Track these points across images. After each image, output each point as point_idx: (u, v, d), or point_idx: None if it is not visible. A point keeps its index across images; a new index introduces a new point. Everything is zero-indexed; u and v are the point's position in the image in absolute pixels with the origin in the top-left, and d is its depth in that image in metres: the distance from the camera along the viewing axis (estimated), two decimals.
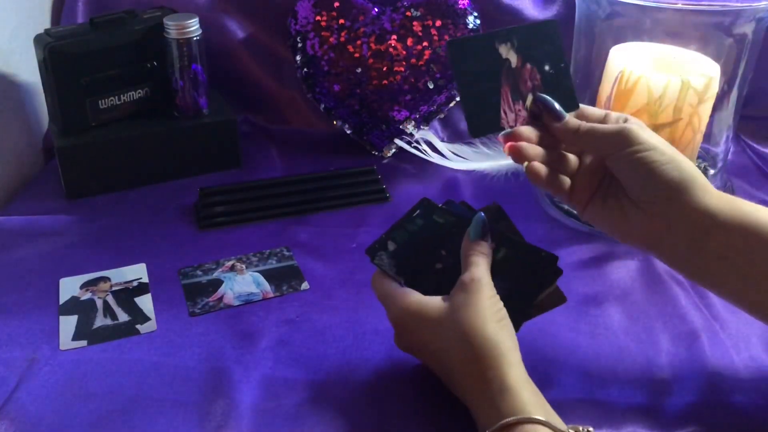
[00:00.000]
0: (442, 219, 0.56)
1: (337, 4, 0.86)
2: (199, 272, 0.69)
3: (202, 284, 0.67)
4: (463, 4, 0.87)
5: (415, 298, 0.52)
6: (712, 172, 0.80)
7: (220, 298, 0.65)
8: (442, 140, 0.92)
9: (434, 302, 0.51)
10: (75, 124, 0.80)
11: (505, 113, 0.51)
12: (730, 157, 0.84)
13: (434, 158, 0.88)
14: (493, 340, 0.47)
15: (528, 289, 0.52)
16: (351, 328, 0.62)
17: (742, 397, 0.55)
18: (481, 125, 0.52)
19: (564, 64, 0.53)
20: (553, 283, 0.52)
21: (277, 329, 0.62)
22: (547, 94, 0.52)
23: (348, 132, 0.91)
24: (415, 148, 0.89)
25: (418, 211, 0.57)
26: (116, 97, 0.82)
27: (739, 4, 0.68)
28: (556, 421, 0.45)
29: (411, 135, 0.90)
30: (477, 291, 0.49)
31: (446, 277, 0.52)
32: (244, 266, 0.70)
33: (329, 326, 0.62)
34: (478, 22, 0.88)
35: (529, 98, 0.51)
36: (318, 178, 0.82)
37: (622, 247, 0.71)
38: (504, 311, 0.49)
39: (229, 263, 0.70)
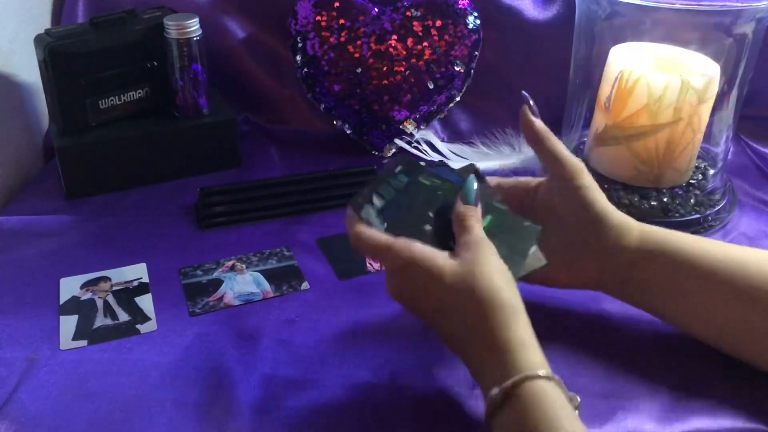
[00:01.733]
0: (428, 181, 0.56)
1: (337, 4, 0.86)
2: (199, 272, 0.69)
3: (203, 284, 0.67)
4: (463, 4, 0.87)
5: (422, 247, 0.51)
6: (712, 172, 0.80)
7: (221, 298, 0.65)
8: (442, 140, 0.92)
9: (442, 256, 0.50)
10: (75, 124, 0.80)
11: (371, 264, 0.69)
12: (730, 157, 0.84)
13: (434, 158, 0.88)
14: (505, 298, 0.48)
15: (514, 256, 0.53)
16: (350, 328, 0.62)
17: (741, 398, 0.55)
18: (349, 271, 0.69)
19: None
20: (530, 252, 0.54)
21: (277, 329, 0.62)
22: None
23: (348, 132, 0.91)
24: (415, 148, 0.89)
25: (400, 167, 0.57)
26: (116, 97, 0.82)
27: (739, 4, 0.68)
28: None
29: (411, 135, 0.90)
30: (485, 250, 0.50)
31: (435, 240, 0.53)
32: (244, 266, 0.70)
33: (329, 326, 0.62)
34: (478, 22, 0.88)
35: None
36: (318, 178, 0.82)
37: None
38: (509, 272, 0.50)
39: (230, 263, 0.70)
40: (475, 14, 0.88)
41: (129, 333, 0.61)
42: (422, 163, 0.58)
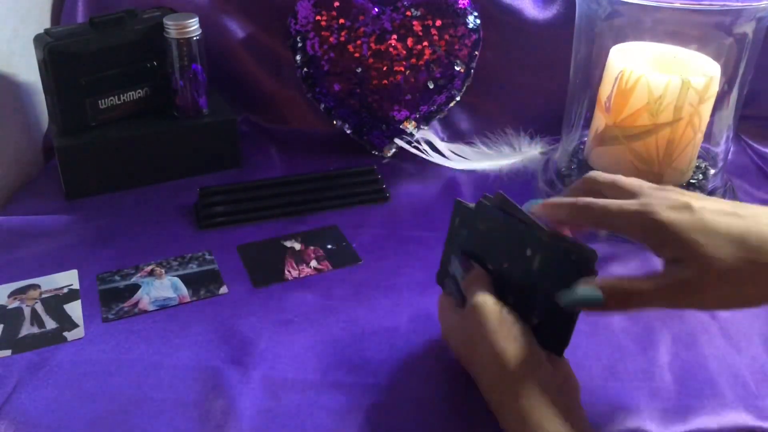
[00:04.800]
0: (483, 226, 0.55)
1: (337, 3, 0.86)
2: (117, 277, 0.68)
3: (119, 289, 0.66)
4: (463, 4, 0.87)
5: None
6: (712, 171, 0.80)
7: (136, 304, 0.64)
8: (443, 140, 0.92)
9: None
10: (75, 124, 0.80)
11: (289, 271, 0.69)
12: (730, 156, 0.84)
13: (434, 158, 0.88)
14: (506, 365, 0.48)
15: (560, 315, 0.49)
16: (349, 329, 0.62)
17: (742, 397, 0.55)
18: (266, 278, 0.68)
19: (345, 243, 0.73)
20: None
21: (276, 329, 0.62)
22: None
23: (348, 132, 0.91)
24: (415, 148, 0.89)
25: (458, 220, 0.57)
26: (116, 97, 0.82)
27: (739, 4, 0.68)
28: None
29: (411, 135, 0.90)
30: (480, 317, 0.50)
31: (502, 282, 0.52)
32: (163, 270, 0.69)
33: (328, 326, 0.62)
34: (478, 21, 0.87)
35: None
36: (318, 178, 0.82)
37: (623, 247, 0.71)
38: (517, 326, 0.49)
39: (148, 268, 0.69)
40: (475, 14, 0.88)
41: (55, 341, 0.60)
42: (472, 206, 0.56)
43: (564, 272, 0.47)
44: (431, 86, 0.89)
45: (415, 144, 0.89)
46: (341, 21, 0.87)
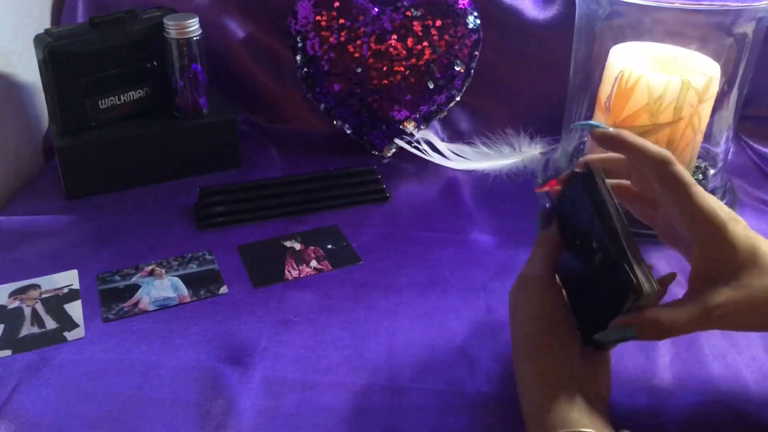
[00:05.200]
0: (570, 195, 0.51)
1: (337, 4, 0.86)
2: (117, 277, 0.68)
3: (119, 290, 0.66)
4: (463, 4, 0.87)
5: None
6: (712, 171, 0.80)
7: (136, 304, 0.64)
8: (443, 140, 0.92)
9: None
10: (75, 124, 0.80)
11: (289, 272, 0.69)
12: (730, 156, 0.84)
13: (434, 158, 0.88)
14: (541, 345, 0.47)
15: (603, 314, 0.47)
16: (349, 329, 0.62)
17: (742, 397, 0.55)
18: (266, 278, 0.68)
19: (345, 243, 0.72)
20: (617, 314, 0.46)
21: (276, 329, 0.62)
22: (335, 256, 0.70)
23: (348, 132, 0.91)
24: (415, 148, 0.89)
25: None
26: (116, 97, 0.82)
27: (739, 4, 0.68)
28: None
29: (411, 135, 0.90)
30: (526, 289, 0.50)
31: (572, 257, 0.50)
32: (163, 270, 0.69)
33: (328, 326, 0.62)
34: (478, 22, 0.88)
35: None
36: (318, 178, 0.82)
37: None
38: (555, 316, 0.48)
39: (149, 268, 0.69)
40: (475, 14, 0.88)
41: (56, 341, 0.60)
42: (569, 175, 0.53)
43: (614, 284, 0.46)
44: (431, 86, 0.89)
45: (415, 144, 0.89)
46: (341, 21, 0.87)
